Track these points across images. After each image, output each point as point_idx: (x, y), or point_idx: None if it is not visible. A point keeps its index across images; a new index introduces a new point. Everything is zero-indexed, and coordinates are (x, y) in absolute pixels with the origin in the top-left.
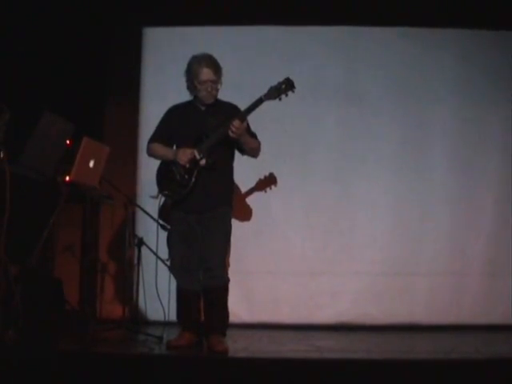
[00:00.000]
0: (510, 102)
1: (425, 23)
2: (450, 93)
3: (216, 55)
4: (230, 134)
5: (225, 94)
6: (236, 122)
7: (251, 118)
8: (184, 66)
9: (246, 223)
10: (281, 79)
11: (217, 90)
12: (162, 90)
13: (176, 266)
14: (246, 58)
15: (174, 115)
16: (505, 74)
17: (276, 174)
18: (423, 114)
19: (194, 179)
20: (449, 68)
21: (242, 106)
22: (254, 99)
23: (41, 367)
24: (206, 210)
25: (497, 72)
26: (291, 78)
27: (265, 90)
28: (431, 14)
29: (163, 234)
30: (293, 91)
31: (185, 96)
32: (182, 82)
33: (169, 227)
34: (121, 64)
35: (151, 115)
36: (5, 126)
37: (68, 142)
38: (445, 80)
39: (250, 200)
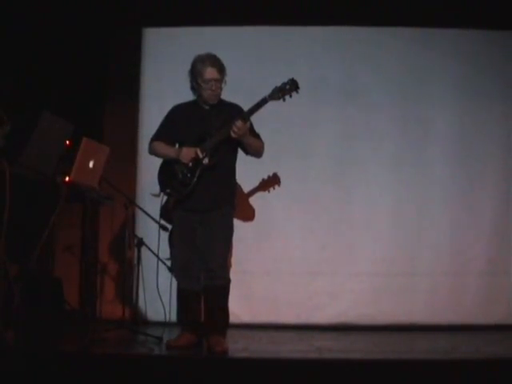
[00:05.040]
0: (509, 100)
1: (424, 23)
2: (449, 92)
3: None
4: (232, 134)
5: (224, 94)
6: (238, 123)
7: (252, 118)
8: (184, 66)
9: (245, 223)
10: (280, 79)
11: (221, 89)
12: (161, 90)
13: (177, 266)
14: (246, 58)
15: (178, 114)
16: (504, 73)
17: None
18: (423, 114)
19: (196, 178)
20: (448, 68)
21: (242, 107)
22: (253, 99)
23: (41, 367)
24: (208, 209)
25: (496, 71)
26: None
27: (264, 90)
28: (430, 15)
29: (164, 234)
30: (297, 92)
31: (185, 96)
32: (182, 82)
33: (169, 228)
34: (121, 64)
35: (151, 115)
36: (4, 138)
37: (68, 142)
38: (444, 80)
39: (250, 200)
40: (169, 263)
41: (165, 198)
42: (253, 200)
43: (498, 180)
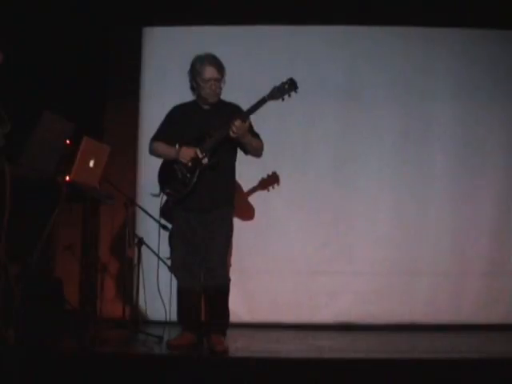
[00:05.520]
0: (510, 99)
1: (424, 23)
2: (450, 91)
3: (216, 55)
4: (231, 133)
5: (225, 94)
6: (237, 122)
7: (252, 118)
8: (184, 66)
9: (246, 222)
10: (281, 79)
11: (220, 89)
12: (161, 90)
13: (177, 266)
14: (246, 57)
15: (178, 114)
16: (504, 72)
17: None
18: (423, 113)
19: (195, 178)
20: (448, 67)
21: (243, 106)
22: (254, 99)
23: (41, 367)
24: (207, 209)
25: (497, 70)
26: (294, 78)
27: (265, 90)
28: (431, 14)
29: (164, 234)
30: (296, 92)
31: (185, 96)
32: (182, 82)
33: (169, 227)
34: (121, 64)
35: (151, 115)
36: (4, 138)
37: (68, 141)
38: (445, 79)
39: (249, 199)
40: (169, 262)
41: (165, 197)
42: (253, 199)
43: (498, 180)
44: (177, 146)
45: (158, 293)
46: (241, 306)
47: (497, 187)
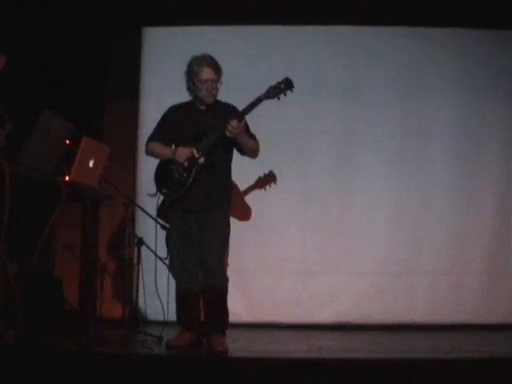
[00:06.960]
0: (510, 98)
1: (424, 22)
2: (450, 91)
3: (216, 55)
4: (228, 133)
5: (225, 94)
6: (233, 122)
7: (252, 117)
8: (184, 66)
9: (245, 222)
10: (280, 78)
11: (217, 90)
12: (161, 90)
13: (175, 266)
14: (246, 57)
15: (174, 115)
16: (504, 72)
17: (276, 173)
18: (423, 112)
19: (192, 178)
20: (448, 66)
21: (242, 106)
22: (253, 98)
23: (41, 367)
24: (204, 209)
25: (497, 70)
26: (290, 77)
27: (265, 90)
28: (431, 14)
29: (162, 234)
30: (291, 91)
31: (184, 96)
32: (182, 82)
33: (168, 226)
34: (121, 64)
35: (151, 115)
36: (5, 139)
37: (68, 141)
38: (444, 78)
39: (249, 199)
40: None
41: (161, 197)
42: (253, 199)
43: (498, 179)
44: (173, 147)
45: (156, 292)
46: (241, 306)
47: (497, 187)
